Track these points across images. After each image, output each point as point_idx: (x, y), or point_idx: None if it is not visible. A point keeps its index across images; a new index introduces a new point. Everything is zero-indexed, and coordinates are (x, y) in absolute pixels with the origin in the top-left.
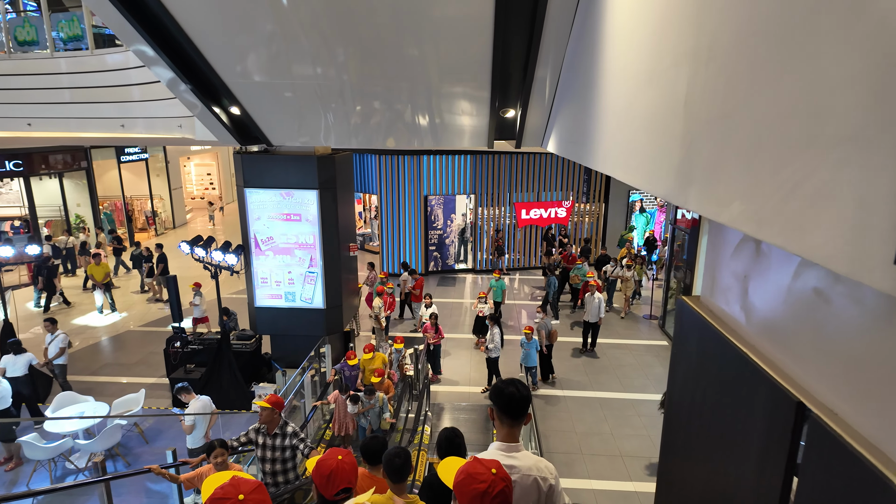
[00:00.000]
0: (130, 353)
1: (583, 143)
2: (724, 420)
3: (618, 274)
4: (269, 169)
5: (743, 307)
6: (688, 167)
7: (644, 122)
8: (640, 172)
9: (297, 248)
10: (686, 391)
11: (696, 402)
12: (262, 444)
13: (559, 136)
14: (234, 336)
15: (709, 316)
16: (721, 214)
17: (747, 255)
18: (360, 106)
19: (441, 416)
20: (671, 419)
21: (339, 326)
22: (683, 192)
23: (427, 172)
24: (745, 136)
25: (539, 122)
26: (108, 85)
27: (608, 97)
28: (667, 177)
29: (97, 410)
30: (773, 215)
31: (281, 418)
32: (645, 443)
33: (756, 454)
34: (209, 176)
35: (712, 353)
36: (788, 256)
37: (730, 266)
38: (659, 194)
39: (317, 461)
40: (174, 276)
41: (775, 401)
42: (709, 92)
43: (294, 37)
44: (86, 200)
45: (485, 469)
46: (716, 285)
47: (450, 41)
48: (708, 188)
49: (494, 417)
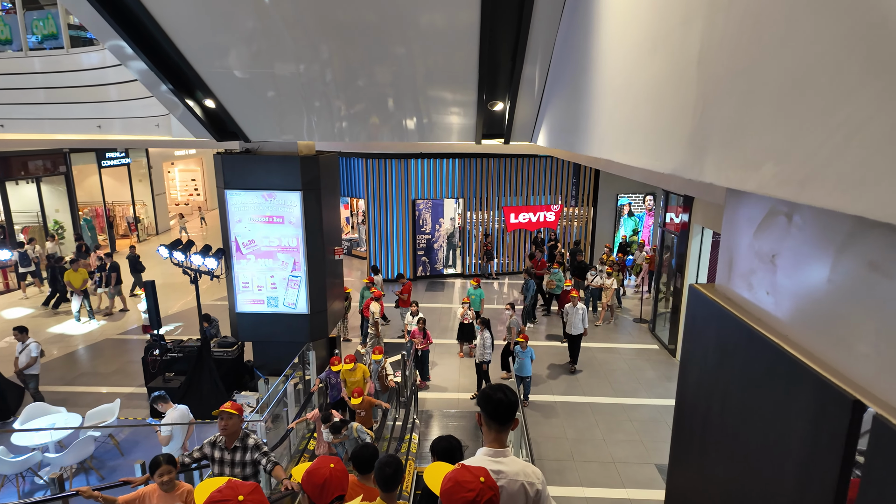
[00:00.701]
0: (108, 362)
1: (576, 131)
2: (753, 423)
3: (599, 283)
4: (251, 170)
5: (772, 292)
6: (702, 134)
7: (647, 95)
8: (643, 151)
9: (280, 252)
10: (701, 392)
11: (715, 404)
12: (220, 460)
13: (550, 127)
14: (215, 343)
15: (729, 305)
16: (748, 181)
17: (776, 230)
18: (344, 99)
19: (430, 423)
20: (683, 423)
21: (324, 332)
22: (697, 163)
23: (415, 176)
24: (780, 84)
25: (528, 114)
26: (84, 85)
27: (604, 76)
28: (676, 149)
29: (69, 422)
30: (821, 171)
31: (241, 429)
32: (638, 448)
33: (798, 461)
34: (194, 182)
35: (735, 347)
36: (832, 225)
37: (753, 247)
38: (667, 170)
39: (306, 470)
40: (152, 282)
41: (823, 399)
42: (730, 42)
43: (271, 25)
44: (65, 206)
45: (473, 477)
46: (734, 271)
47: (435, 30)
48: (729, 154)
49: (482, 423)
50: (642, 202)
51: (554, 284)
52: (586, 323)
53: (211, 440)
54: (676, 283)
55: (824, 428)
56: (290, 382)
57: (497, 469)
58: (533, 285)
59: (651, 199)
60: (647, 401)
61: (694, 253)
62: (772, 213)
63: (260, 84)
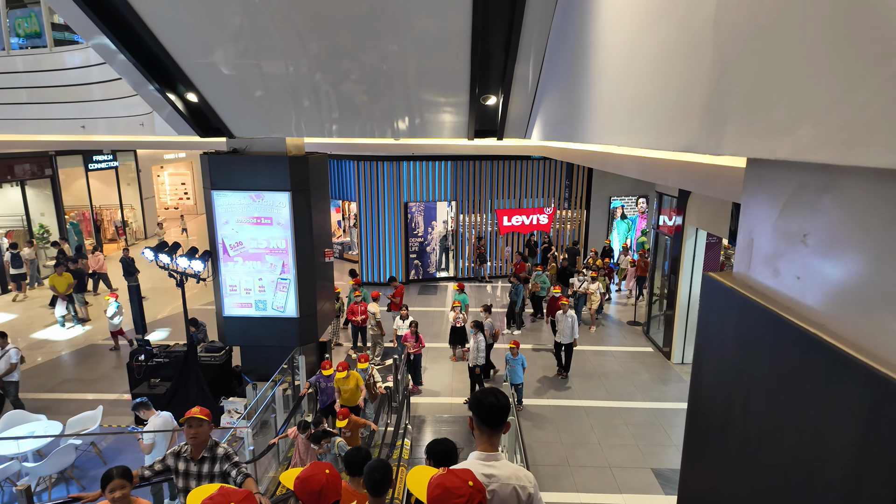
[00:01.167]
0: (92, 368)
1: (573, 122)
2: (785, 423)
3: (585, 288)
4: (238, 170)
5: (804, 277)
6: (720, 102)
7: (652, 70)
8: (649, 131)
9: (269, 254)
10: (719, 390)
11: (737, 403)
12: (185, 472)
13: (545, 121)
14: (202, 348)
15: (752, 294)
16: (779, 147)
17: (807, 206)
18: (332, 93)
19: (422, 428)
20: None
21: (314, 336)
22: (715, 135)
23: (407, 179)
24: (819, 35)
25: (522, 109)
26: (67, 84)
27: (604, 57)
28: (688, 124)
29: (49, 430)
30: (873, 127)
31: (210, 437)
32: (633, 453)
33: (843, 462)
34: (183, 185)
35: (761, 340)
36: (878, 195)
37: (779, 228)
38: (678, 147)
39: (299, 477)
40: (137, 286)
41: (875, 394)
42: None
43: (255, 14)
44: (51, 210)
45: (461, 482)
46: (756, 256)
47: (426, 21)
48: (754, 120)
49: (474, 427)
50: (635, 205)
51: (538, 287)
52: (577, 332)
53: (175, 450)
54: (671, 285)
55: (879, 426)
56: (279, 388)
57: (489, 473)
58: (521, 289)
59: (644, 202)
60: (643, 404)
61: (688, 254)
62: (802, 186)
63: (244, 77)
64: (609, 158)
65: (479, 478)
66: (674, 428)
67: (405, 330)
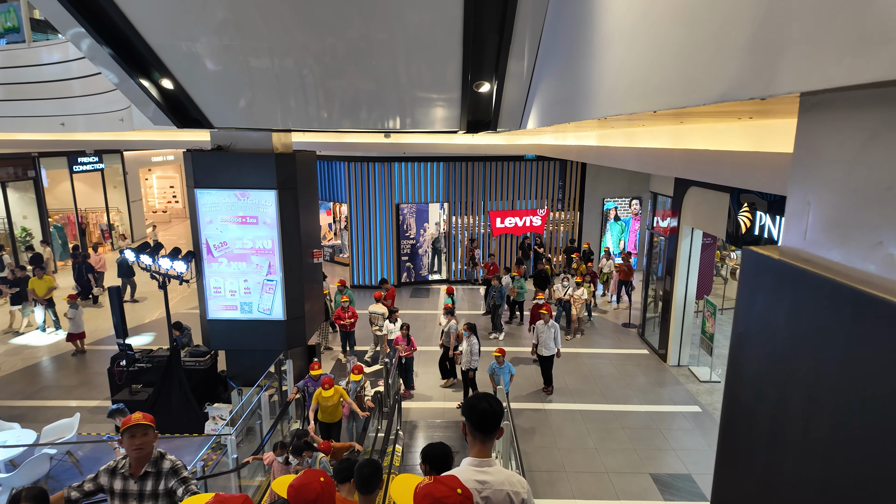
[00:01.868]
0: (73, 374)
1: (575, 98)
2: (868, 421)
3: (569, 295)
4: (223, 167)
5: (890, 241)
6: (772, 31)
7: (676, 14)
8: (672, 87)
9: (254, 254)
10: (770, 383)
11: (794, 397)
12: (122, 493)
13: (542, 104)
14: (186, 353)
15: (818, 269)
16: (866, 68)
17: (894, 148)
18: (314, 78)
19: (414, 434)
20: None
21: (303, 339)
22: (765, 71)
23: (398, 180)
24: None
25: (517, 95)
26: (46, 80)
27: (612, 16)
28: (725, 65)
29: (22, 438)
30: None
31: (155, 449)
32: (631, 457)
33: None
34: (172, 189)
35: (833, 324)
36: None
37: (851, 183)
38: (712, 98)
39: (292, 485)
40: (117, 288)
41: None
42: None
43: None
44: (33, 213)
45: (450, 490)
46: (814, 223)
47: (415, 2)
48: (822, 41)
49: (467, 433)
50: (628, 206)
51: (515, 292)
52: (559, 343)
53: (110, 466)
54: (666, 287)
55: None
56: (265, 393)
57: (482, 479)
58: (505, 291)
59: (638, 204)
60: (639, 407)
61: (684, 255)
62: (887, 124)
63: (223, 63)
64: (606, 152)
65: (472, 484)
66: (672, 432)
67: (396, 333)
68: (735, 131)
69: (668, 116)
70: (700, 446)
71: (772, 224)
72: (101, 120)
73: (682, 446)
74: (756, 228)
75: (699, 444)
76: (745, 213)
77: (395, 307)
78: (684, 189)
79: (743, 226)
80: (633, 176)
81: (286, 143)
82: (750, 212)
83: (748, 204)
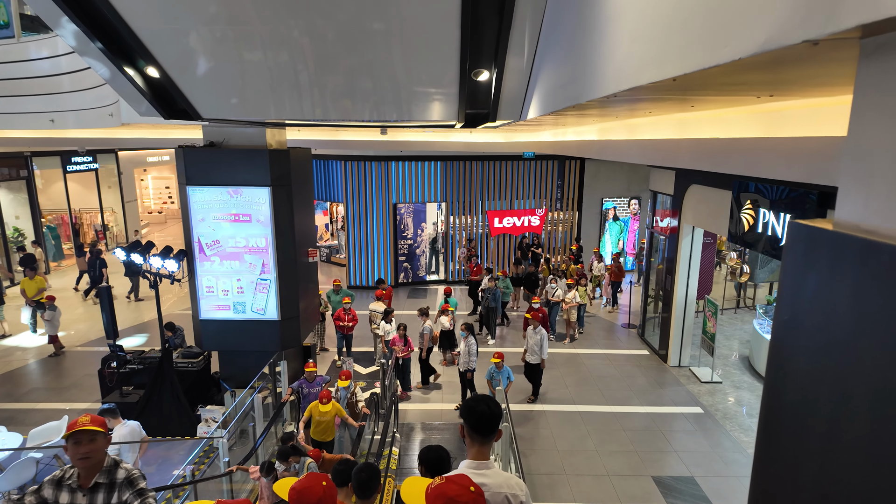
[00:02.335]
0: (63, 376)
1: (582, 77)
2: None
3: (559, 297)
4: (215, 164)
5: None
6: None
7: None
8: (699, 44)
9: (248, 253)
10: (826, 370)
11: (859, 388)
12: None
13: (545, 89)
14: (178, 354)
15: (888, 240)
16: None
17: None
18: (310, 69)
19: (411, 436)
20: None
21: (297, 340)
22: (819, 7)
23: (396, 179)
24: None
25: (517, 83)
26: (35, 76)
27: None
28: (770, 4)
29: (7, 442)
30: None
31: (108, 456)
32: (632, 460)
33: None
34: (168, 189)
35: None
36: None
37: None
38: (756, 46)
39: (294, 489)
40: (108, 288)
41: None
42: None
43: None
44: (26, 213)
45: (463, 489)
46: (878, 190)
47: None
48: None
49: (465, 435)
50: (627, 206)
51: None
52: (545, 351)
53: (55, 477)
54: (666, 286)
55: None
56: (259, 395)
57: (480, 482)
58: (500, 294)
59: (637, 203)
60: (640, 409)
61: (685, 254)
62: None
63: (209, 49)
64: (607, 146)
65: None
66: (673, 433)
67: (393, 334)
68: (744, 119)
69: (676, 102)
70: (703, 448)
71: (775, 221)
72: (91, 116)
73: (684, 448)
74: (759, 226)
75: (702, 446)
76: (748, 211)
77: (391, 308)
78: (685, 187)
79: (746, 223)
80: (632, 175)
81: (280, 140)
82: (753, 209)
83: (751, 201)
